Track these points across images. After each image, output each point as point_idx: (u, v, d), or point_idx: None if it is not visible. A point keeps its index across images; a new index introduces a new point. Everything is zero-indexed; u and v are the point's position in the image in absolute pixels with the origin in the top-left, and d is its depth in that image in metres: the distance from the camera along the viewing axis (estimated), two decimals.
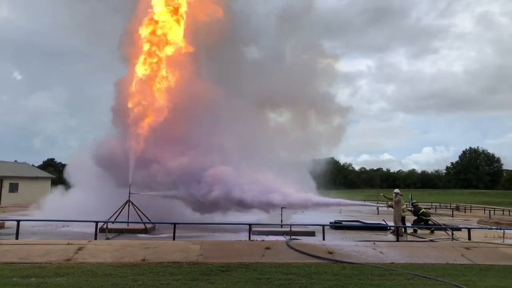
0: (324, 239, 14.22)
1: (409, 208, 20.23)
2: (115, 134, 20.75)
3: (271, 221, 19.14)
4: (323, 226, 15.14)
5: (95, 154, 19.82)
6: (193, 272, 9.48)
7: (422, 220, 19.09)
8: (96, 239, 13.58)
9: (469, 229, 15.78)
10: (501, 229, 16.83)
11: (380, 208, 37.07)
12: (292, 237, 14.87)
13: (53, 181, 43.74)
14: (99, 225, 14.56)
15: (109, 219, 16.54)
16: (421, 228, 18.76)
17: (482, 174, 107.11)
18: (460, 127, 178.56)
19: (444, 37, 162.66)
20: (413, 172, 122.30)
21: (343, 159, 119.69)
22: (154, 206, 19.33)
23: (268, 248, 12.18)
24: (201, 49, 21.38)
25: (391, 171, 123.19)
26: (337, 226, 19.82)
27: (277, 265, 10.41)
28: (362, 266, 10.48)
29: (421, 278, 9.22)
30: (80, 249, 11.59)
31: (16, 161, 50.11)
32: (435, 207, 44.89)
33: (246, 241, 13.77)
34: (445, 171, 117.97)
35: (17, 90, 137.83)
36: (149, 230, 17.40)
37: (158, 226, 18.36)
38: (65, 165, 27.88)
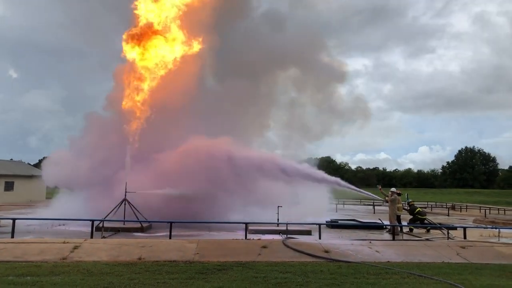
0: (320, 238, 14.27)
1: (405, 207, 20.29)
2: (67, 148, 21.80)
3: (267, 220, 19.14)
4: (320, 225, 15.19)
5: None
6: (189, 270, 9.47)
7: (417, 219, 19.15)
8: (92, 237, 13.55)
9: (465, 228, 15.84)
10: (496, 228, 16.91)
11: (376, 207, 37.28)
12: (288, 236, 14.87)
13: None
14: (95, 224, 14.53)
15: (105, 218, 16.50)
16: (417, 227, 18.82)
17: (477, 173, 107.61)
18: (456, 127, 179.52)
19: (440, 36, 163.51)
20: (409, 171, 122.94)
21: (339, 158, 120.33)
22: (150, 204, 19.29)
23: (264, 247, 12.19)
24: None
25: (387, 170, 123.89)
26: (333, 225, 19.85)
27: (274, 263, 10.42)
28: (358, 265, 10.51)
29: (416, 276, 9.26)
30: (76, 248, 11.56)
31: (11, 159, 49.86)
32: (431, 206, 45.09)
33: (242, 240, 13.77)
34: (441, 171, 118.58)
35: (13, 88, 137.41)
36: (145, 228, 17.38)
37: (154, 224, 18.32)
38: None
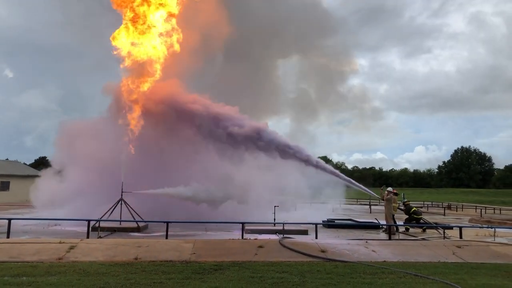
0: (316, 238, 14.28)
1: (400, 207, 20.34)
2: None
3: (264, 219, 19.16)
4: (316, 224, 15.21)
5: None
6: (185, 270, 9.46)
7: (413, 218, 19.20)
8: (88, 237, 13.51)
9: (461, 228, 15.90)
10: (492, 228, 16.99)
11: (372, 206, 37.37)
12: (285, 236, 14.88)
13: None
14: (91, 224, 14.48)
15: (101, 218, 16.45)
16: (413, 226, 18.87)
17: (473, 173, 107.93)
18: (452, 127, 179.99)
19: (436, 36, 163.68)
20: (405, 171, 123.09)
21: (335, 158, 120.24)
22: (147, 204, 19.27)
23: (261, 246, 12.19)
24: None
25: (384, 170, 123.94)
26: (330, 224, 19.88)
27: (270, 263, 10.42)
28: (354, 264, 10.52)
29: (413, 276, 9.28)
30: (72, 248, 11.52)
31: (7, 159, 49.72)
32: (427, 205, 45.26)
33: (239, 239, 13.76)
34: (437, 170, 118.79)
35: (9, 87, 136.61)
36: (141, 228, 17.35)
37: (150, 224, 18.30)
38: None
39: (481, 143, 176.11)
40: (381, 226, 19.24)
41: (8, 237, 13.26)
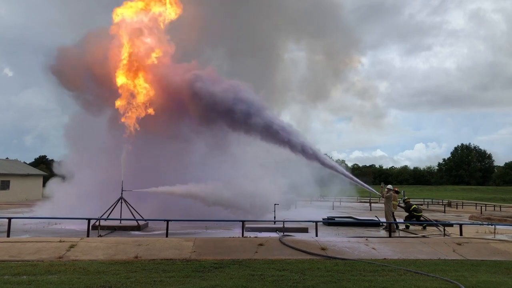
0: (317, 236, 14.28)
1: (400, 204, 20.35)
2: None
3: (264, 218, 19.19)
4: (316, 222, 15.21)
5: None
6: (186, 269, 9.46)
7: (413, 216, 19.21)
8: (88, 236, 13.51)
9: (461, 225, 15.89)
10: (492, 225, 16.99)
11: (372, 204, 37.38)
12: (285, 234, 14.88)
13: (45, 178, 43.44)
14: (92, 222, 14.49)
15: (101, 216, 16.46)
16: (413, 224, 18.87)
17: (473, 170, 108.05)
18: (452, 124, 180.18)
19: (436, 34, 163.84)
20: (405, 168, 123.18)
21: (335, 156, 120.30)
22: (147, 203, 19.28)
23: (261, 244, 12.19)
24: None
25: (384, 167, 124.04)
26: (330, 222, 19.90)
27: (270, 261, 10.42)
28: (354, 262, 10.52)
29: (413, 273, 9.27)
30: (72, 247, 11.52)
31: (7, 158, 49.73)
32: (427, 203, 45.31)
33: (239, 237, 13.76)
34: (437, 168, 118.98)
35: (8, 87, 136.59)
36: (141, 227, 17.36)
37: (150, 223, 18.31)
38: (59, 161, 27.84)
39: (481, 140, 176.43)
40: (381, 223, 19.25)
41: (8, 236, 13.28)
